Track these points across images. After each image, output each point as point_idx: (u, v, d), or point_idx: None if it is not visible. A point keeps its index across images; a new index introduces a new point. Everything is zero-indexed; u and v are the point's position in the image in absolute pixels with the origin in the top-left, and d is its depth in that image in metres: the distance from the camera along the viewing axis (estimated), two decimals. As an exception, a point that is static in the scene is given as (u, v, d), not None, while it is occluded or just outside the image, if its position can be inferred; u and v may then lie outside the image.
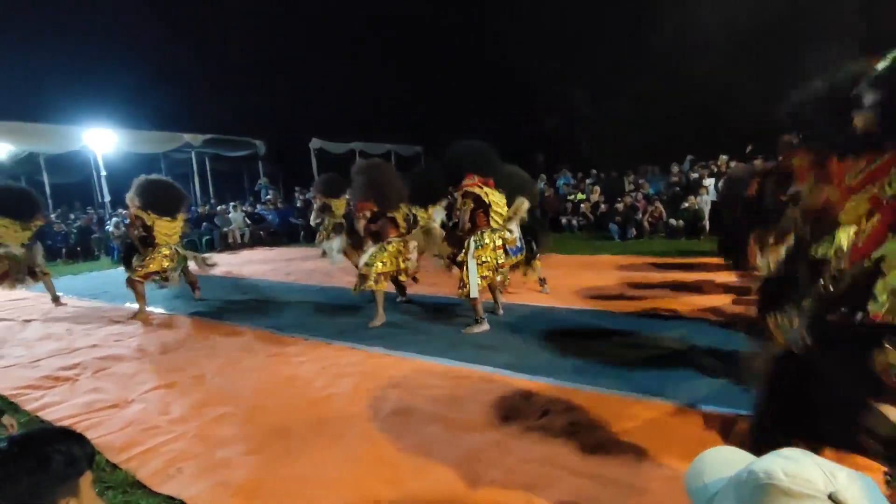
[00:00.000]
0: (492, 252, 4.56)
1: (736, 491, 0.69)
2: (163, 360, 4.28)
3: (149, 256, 5.76)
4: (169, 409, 3.26)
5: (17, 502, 1.02)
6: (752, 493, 0.66)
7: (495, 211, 4.61)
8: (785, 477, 0.65)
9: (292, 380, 3.65)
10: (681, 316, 4.61)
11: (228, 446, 2.71)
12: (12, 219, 6.21)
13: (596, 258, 8.20)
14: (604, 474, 2.26)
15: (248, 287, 7.54)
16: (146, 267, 5.74)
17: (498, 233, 4.63)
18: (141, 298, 5.79)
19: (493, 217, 4.60)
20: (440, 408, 3.02)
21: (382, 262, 4.94)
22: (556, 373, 3.42)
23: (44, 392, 3.67)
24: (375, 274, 4.90)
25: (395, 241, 5.03)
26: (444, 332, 4.60)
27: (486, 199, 4.54)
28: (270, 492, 2.29)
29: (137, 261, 5.80)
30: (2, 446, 1.08)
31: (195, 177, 17.14)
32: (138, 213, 5.71)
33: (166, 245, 5.83)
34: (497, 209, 4.62)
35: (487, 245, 4.55)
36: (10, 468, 1.04)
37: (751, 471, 0.68)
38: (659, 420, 2.70)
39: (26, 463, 1.06)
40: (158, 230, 5.76)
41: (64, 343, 4.92)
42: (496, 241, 4.59)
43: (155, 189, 5.81)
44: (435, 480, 2.30)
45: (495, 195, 4.64)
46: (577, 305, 5.23)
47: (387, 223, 5.04)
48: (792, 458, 0.68)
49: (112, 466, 2.54)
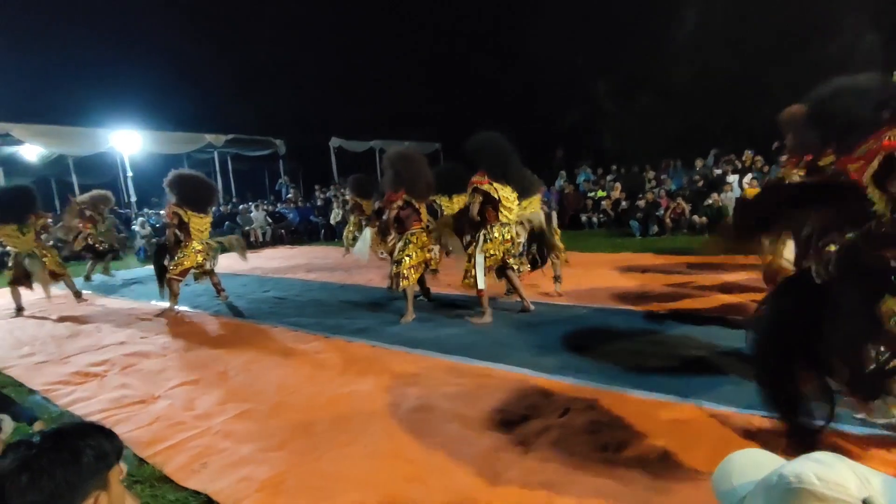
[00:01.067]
0: (500, 245, 4.70)
1: (766, 494, 0.68)
2: (187, 356, 4.37)
3: (182, 254, 5.88)
4: (194, 405, 3.33)
5: (51, 495, 1.05)
6: (783, 497, 0.65)
7: (505, 206, 4.69)
8: (818, 481, 0.63)
9: (313, 377, 3.69)
10: (704, 315, 4.53)
11: (252, 442, 2.75)
12: (8, 223, 6.21)
13: (617, 256, 8.11)
14: (626, 475, 2.23)
15: (270, 285, 7.64)
16: (181, 265, 5.87)
17: (507, 227, 4.73)
18: (174, 297, 5.92)
19: (502, 212, 4.70)
20: (460, 406, 3.02)
21: (409, 255, 5.00)
22: (576, 372, 3.39)
23: (74, 388, 3.77)
24: (406, 269, 4.96)
25: (417, 231, 5.08)
26: (464, 330, 4.60)
27: (496, 195, 4.64)
28: (293, 487, 2.32)
29: (172, 260, 5.93)
30: (35, 441, 1.11)
31: (217, 176, 17.41)
32: (175, 209, 5.80)
33: (199, 241, 5.95)
34: (507, 204, 4.70)
35: (496, 239, 4.69)
36: (43, 462, 1.07)
37: (781, 474, 0.67)
38: (682, 421, 2.66)
39: (59, 457, 1.08)
40: (193, 226, 5.87)
41: (93, 340, 5.06)
42: (505, 234, 4.72)
43: (189, 184, 5.91)
44: (455, 478, 2.30)
45: (505, 190, 4.71)
46: (597, 304, 5.17)
47: (412, 214, 5.09)
48: (824, 461, 0.66)
49: (140, 461, 2.60)
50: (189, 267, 5.92)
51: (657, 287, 5.69)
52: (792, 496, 0.64)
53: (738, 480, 0.76)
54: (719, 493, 0.79)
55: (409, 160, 5.12)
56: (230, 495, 2.28)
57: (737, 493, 0.75)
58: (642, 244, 9.32)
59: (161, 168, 16.46)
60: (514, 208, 4.76)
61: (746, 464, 0.79)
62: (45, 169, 14.99)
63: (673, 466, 2.26)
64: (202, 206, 5.94)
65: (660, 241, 9.47)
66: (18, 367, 4.35)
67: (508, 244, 4.74)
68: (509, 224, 4.75)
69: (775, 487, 0.66)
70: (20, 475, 1.04)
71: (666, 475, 2.20)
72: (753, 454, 0.83)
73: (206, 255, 5.98)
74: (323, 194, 16.29)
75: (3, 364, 4.42)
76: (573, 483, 2.19)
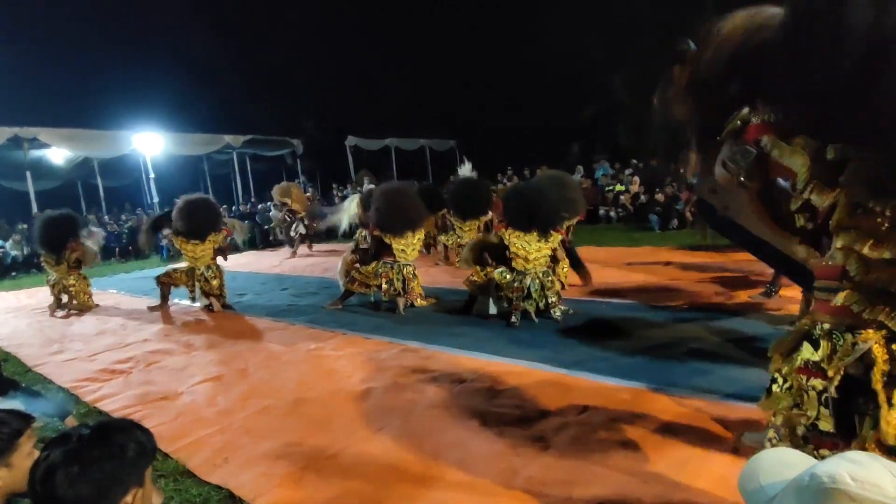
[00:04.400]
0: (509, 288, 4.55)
1: (797, 495, 0.65)
2: (209, 354, 4.43)
3: (178, 270, 6.20)
4: (216, 401, 3.38)
5: (99, 487, 1.07)
6: (816, 498, 0.62)
7: (518, 255, 4.56)
8: (852, 482, 0.61)
9: (332, 373, 3.72)
10: (725, 309, 4.45)
11: (272, 438, 2.78)
12: (47, 251, 6.50)
13: (636, 250, 8.00)
14: (646, 471, 2.20)
15: (289, 283, 7.72)
16: (171, 275, 6.21)
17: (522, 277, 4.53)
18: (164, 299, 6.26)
19: (517, 260, 4.56)
20: (477, 402, 3.01)
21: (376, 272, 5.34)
22: (595, 368, 3.35)
23: (101, 384, 3.86)
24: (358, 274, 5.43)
25: (389, 261, 5.33)
26: (481, 327, 4.58)
27: (506, 242, 4.60)
28: (313, 483, 2.34)
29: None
30: (84, 433, 1.13)
31: (236, 176, 17.68)
32: (171, 236, 6.17)
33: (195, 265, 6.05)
34: (520, 253, 4.55)
35: (506, 281, 4.58)
36: (94, 454, 1.09)
37: (813, 474, 0.64)
38: (704, 417, 2.61)
39: (108, 450, 1.11)
40: (187, 253, 6.03)
41: (118, 338, 5.17)
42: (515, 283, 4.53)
43: (184, 214, 5.97)
44: (473, 474, 2.29)
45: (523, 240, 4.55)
46: (616, 299, 5.11)
47: (381, 248, 5.38)
48: (858, 461, 0.64)
49: (164, 455, 2.65)
50: (177, 283, 6.18)
51: (677, 282, 5.60)
52: (825, 497, 0.61)
53: (766, 480, 0.74)
54: (746, 493, 0.76)
55: (387, 198, 5.33)
56: (251, 490, 2.30)
57: (765, 493, 0.72)
58: (662, 238, 9.19)
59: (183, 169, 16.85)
60: (532, 256, 4.55)
61: (775, 463, 0.77)
62: (71, 172, 15.37)
63: (695, 463, 2.22)
64: (197, 235, 5.99)
65: (679, 236, 9.30)
66: (49, 364, 4.47)
67: (519, 293, 4.52)
68: (525, 274, 4.54)
69: (808, 488, 0.64)
70: (71, 466, 1.06)
71: (687, 472, 2.16)
72: (782, 453, 0.81)
73: (203, 282, 6.00)
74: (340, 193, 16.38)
75: (35, 361, 4.55)
76: (593, 481, 2.16)
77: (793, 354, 1.45)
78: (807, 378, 1.38)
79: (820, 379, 1.35)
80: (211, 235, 6.04)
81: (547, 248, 4.63)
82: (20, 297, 8.35)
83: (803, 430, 1.38)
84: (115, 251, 13.12)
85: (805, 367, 1.39)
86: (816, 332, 1.40)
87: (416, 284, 5.43)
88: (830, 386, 1.30)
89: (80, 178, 16.39)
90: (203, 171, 17.95)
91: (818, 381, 1.35)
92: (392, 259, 5.34)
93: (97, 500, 1.07)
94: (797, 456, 0.80)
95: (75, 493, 1.05)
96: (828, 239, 1.48)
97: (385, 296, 5.34)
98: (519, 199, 4.69)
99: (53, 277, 6.60)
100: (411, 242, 5.41)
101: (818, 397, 1.35)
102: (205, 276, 5.99)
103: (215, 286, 6.04)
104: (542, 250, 4.61)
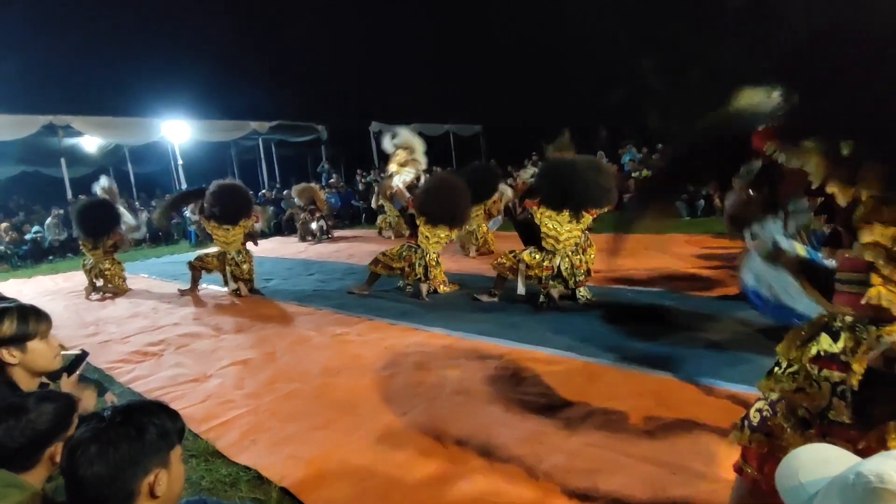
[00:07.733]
0: (538, 268, 4.59)
1: (841, 494, 0.63)
2: (237, 338, 4.53)
3: (209, 254, 6.30)
4: (244, 384, 3.45)
5: (115, 467, 1.10)
6: (863, 498, 0.60)
7: (549, 235, 4.54)
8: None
9: (357, 358, 3.76)
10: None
11: (299, 421, 2.84)
12: (88, 237, 6.71)
13: (663, 237, 7.83)
14: (673, 461, 2.17)
15: (315, 268, 7.81)
16: (203, 259, 6.29)
17: (550, 256, 4.55)
18: (194, 283, 6.39)
19: (546, 239, 4.55)
20: (501, 388, 3.01)
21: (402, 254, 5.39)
22: (621, 356, 3.31)
23: (134, 366, 3.98)
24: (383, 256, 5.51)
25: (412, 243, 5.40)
26: (505, 314, 4.56)
27: (537, 221, 4.57)
28: (338, 466, 2.37)
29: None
30: (106, 414, 1.17)
31: (262, 162, 17.88)
32: (201, 220, 6.21)
33: (226, 250, 6.14)
34: (551, 233, 4.54)
35: (535, 261, 4.61)
36: (112, 434, 1.12)
37: (859, 473, 0.61)
38: (732, 408, 2.55)
39: (126, 431, 1.14)
40: (217, 238, 6.10)
41: (150, 321, 5.32)
42: (544, 262, 4.56)
43: (215, 199, 6.03)
44: (497, 460, 2.29)
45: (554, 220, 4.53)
46: (642, 286, 5.02)
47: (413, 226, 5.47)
48: (907, 460, 0.61)
49: (194, 436, 2.73)
50: (209, 268, 6.26)
51: (705, 269, 5.47)
52: (872, 496, 0.59)
53: (805, 477, 0.71)
54: (784, 490, 0.74)
55: (439, 187, 5.37)
56: (278, 471, 2.35)
57: (805, 491, 0.70)
58: (690, 225, 8.97)
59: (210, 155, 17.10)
60: (563, 237, 4.53)
61: (814, 460, 0.74)
62: (103, 159, 15.75)
63: (724, 455, 2.17)
64: (228, 219, 6.04)
65: (708, 222, 9.07)
66: (84, 346, 4.59)
67: (549, 272, 4.53)
68: (554, 253, 4.54)
69: (853, 487, 0.61)
70: (91, 445, 1.10)
71: (715, 463, 2.12)
72: (821, 449, 0.78)
73: (233, 266, 6.09)
74: (364, 179, 16.43)
75: (72, 343, 4.70)
76: (618, 470, 2.14)
77: (807, 344, 1.41)
78: (819, 369, 1.36)
79: (836, 370, 1.32)
80: (242, 220, 6.13)
81: (578, 230, 4.58)
82: (57, 280, 8.65)
83: (804, 412, 1.38)
84: (146, 236, 13.45)
85: (820, 357, 1.37)
86: (836, 325, 1.37)
87: (438, 272, 5.43)
88: (852, 378, 1.28)
89: (111, 165, 16.81)
90: (230, 157, 18.21)
91: (834, 372, 1.33)
92: (415, 242, 5.37)
93: (113, 480, 1.10)
94: (837, 452, 0.77)
95: (93, 473, 1.08)
96: (848, 235, 1.46)
97: (408, 279, 5.36)
98: (554, 174, 4.58)
99: (90, 261, 6.83)
100: (440, 236, 5.39)
101: (832, 388, 1.33)
102: (235, 261, 6.10)
103: (245, 270, 6.14)
104: (574, 231, 4.55)
